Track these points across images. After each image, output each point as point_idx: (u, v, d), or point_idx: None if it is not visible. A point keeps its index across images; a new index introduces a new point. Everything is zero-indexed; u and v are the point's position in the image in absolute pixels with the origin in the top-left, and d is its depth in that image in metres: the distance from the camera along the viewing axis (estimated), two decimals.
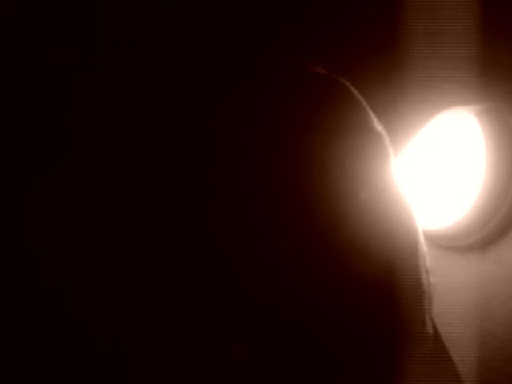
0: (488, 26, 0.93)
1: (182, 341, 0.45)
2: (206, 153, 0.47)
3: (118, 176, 0.46)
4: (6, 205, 0.46)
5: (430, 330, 0.51)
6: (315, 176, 0.48)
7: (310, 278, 0.47)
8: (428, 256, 0.54)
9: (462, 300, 1.00)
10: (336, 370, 0.47)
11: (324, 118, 0.50)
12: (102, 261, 0.45)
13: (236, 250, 0.46)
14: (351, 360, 0.48)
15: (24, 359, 0.45)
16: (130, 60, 0.49)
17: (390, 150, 0.53)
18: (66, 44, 0.48)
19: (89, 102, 0.47)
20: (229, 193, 0.47)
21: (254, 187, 0.47)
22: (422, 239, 0.53)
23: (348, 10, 0.89)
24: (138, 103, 0.47)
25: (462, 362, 1.00)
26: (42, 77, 0.47)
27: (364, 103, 0.54)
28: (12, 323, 0.45)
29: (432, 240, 1.02)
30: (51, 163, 0.46)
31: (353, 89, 0.54)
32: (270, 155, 0.48)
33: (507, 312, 0.93)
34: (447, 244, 1.01)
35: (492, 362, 0.95)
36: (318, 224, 0.48)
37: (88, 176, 0.46)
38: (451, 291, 1.02)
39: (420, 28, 0.94)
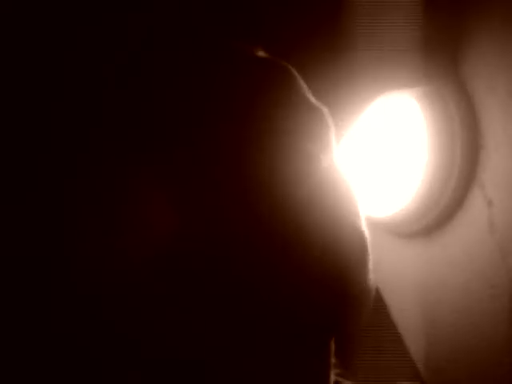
0: (429, 9, 0.93)
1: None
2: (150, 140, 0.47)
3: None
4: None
5: (366, 317, 0.51)
6: (257, 160, 0.48)
7: (248, 263, 0.46)
8: (370, 242, 0.53)
9: (410, 285, 1.00)
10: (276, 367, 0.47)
11: (264, 101, 0.50)
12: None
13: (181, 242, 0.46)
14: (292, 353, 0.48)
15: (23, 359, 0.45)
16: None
17: (332, 129, 0.53)
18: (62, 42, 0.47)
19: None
20: (172, 182, 0.46)
21: (196, 175, 0.46)
22: (364, 223, 0.53)
23: None
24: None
25: (410, 346, 1.00)
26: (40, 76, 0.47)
27: (304, 84, 0.53)
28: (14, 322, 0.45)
29: (379, 226, 1.02)
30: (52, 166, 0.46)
31: (293, 71, 0.53)
32: (209, 140, 0.47)
33: (453, 297, 0.93)
34: (394, 230, 1.01)
35: (439, 347, 0.95)
36: (258, 211, 0.47)
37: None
38: (399, 277, 1.02)
39: (362, 11, 0.94)
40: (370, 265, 0.53)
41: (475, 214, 0.90)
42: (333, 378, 0.53)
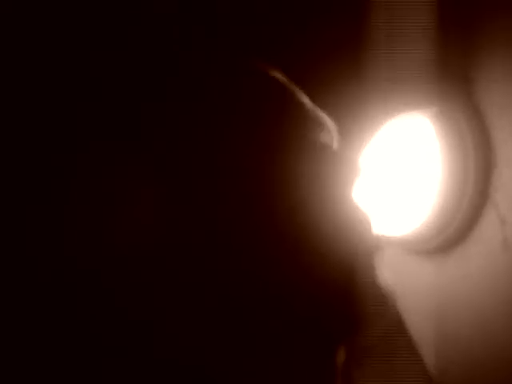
0: (443, 31, 0.94)
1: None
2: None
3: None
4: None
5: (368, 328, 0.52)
6: (257, 157, 0.49)
7: (250, 261, 0.47)
8: (381, 260, 0.54)
9: (426, 302, 1.01)
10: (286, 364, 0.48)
11: (272, 133, 0.50)
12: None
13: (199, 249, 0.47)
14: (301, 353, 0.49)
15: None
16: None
17: (338, 161, 0.53)
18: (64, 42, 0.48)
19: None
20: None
21: (195, 169, 0.47)
22: (374, 245, 0.54)
23: (311, 11, 0.89)
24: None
25: (427, 363, 1.00)
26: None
27: (310, 115, 0.54)
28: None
29: (395, 245, 1.03)
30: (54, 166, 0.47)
31: (301, 97, 0.54)
32: (208, 135, 0.48)
33: (467, 313, 0.94)
34: (410, 248, 1.02)
35: (454, 363, 0.96)
36: (259, 206, 0.48)
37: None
38: (415, 293, 1.02)
39: (378, 33, 0.95)
40: (376, 272, 0.54)
41: (489, 232, 0.90)
42: None
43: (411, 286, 1.02)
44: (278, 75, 0.53)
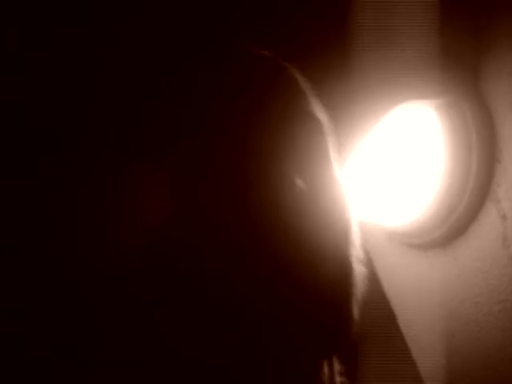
0: (451, 21, 0.93)
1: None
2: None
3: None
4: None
5: (355, 318, 0.51)
6: (252, 161, 0.48)
7: (242, 264, 0.46)
8: (361, 246, 0.54)
9: (423, 297, 1.00)
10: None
11: (264, 102, 0.49)
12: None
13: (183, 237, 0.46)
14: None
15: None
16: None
17: (329, 139, 0.53)
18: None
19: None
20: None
21: (194, 168, 0.46)
22: (354, 229, 0.53)
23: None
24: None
25: (421, 359, 1.00)
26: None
27: (306, 88, 0.53)
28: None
29: (392, 237, 1.02)
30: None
31: (296, 73, 0.53)
32: (209, 137, 0.47)
33: (463, 309, 0.93)
34: (407, 241, 1.00)
35: (448, 359, 0.95)
36: (250, 212, 0.47)
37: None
38: (413, 288, 1.01)
39: (383, 21, 0.94)
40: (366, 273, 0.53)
41: (489, 227, 0.89)
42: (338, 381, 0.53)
43: (406, 280, 1.02)
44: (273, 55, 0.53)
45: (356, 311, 0.51)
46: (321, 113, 0.53)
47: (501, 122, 0.89)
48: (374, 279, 1.00)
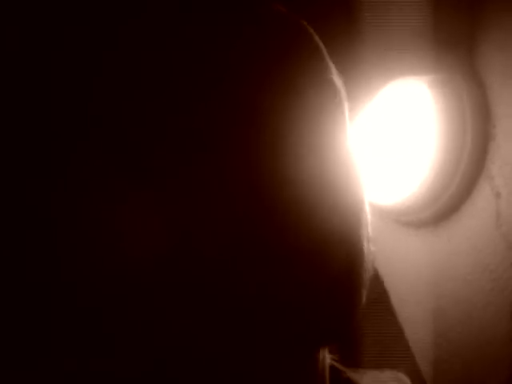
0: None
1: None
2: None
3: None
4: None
5: (363, 299, 0.49)
6: (264, 127, 0.46)
7: (250, 238, 0.45)
8: (371, 226, 0.52)
9: (415, 275, 0.99)
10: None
11: (281, 63, 0.47)
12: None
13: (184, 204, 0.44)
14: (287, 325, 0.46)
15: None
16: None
17: (346, 108, 0.51)
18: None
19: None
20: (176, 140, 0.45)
21: (201, 133, 0.45)
22: (366, 207, 0.51)
23: None
24: None
25: (412, 337, 0.99)
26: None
27: (324, 51, 0.51)
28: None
29: (385, 214, 1.01)
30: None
31: (314, 34, 0.51)
32: (221, 100, 0.45)
33: (456, 288, 0.93)
34: (400, 219, 1.00)
35: (439, 338, 0.95)
36: (261, 182, 0.45)
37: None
38: (404, 266, 1.01)
39: None
40: (369, 252, 0.51)
41: (482, 205, 0.89)
42: (328, 362, 0.52)
43: (399, 258, 1.01)
44: (301, 24, 0.50)
45: (364, 295, 0.50)
46: (338, 79, 0.50)
47: (495, 99, 0.88)
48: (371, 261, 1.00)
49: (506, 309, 0.85)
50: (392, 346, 1.04)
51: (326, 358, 0.51)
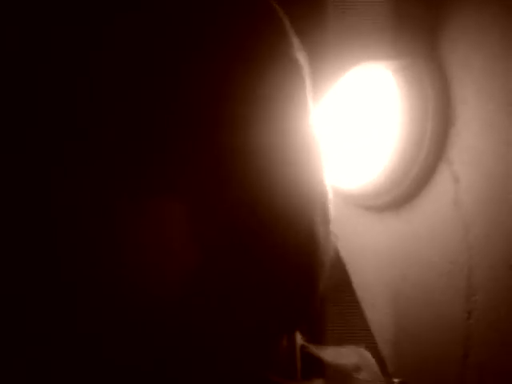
0: None
1: None
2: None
3: None
4: None
5: (323, 281, 0.49)
6: (227, 102, 0.46)
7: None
8: (334, 210, 0.52)
9: (377, 259, 1.00)
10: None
11: (246, 41, 0.47)
12: None
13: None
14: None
15: None
16: None
17: (310, 89, 0.51)
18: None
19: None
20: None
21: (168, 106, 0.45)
22: (327, 190, 0.51)
23: None
24: None
25: (375, 320, 1.00)
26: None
27: (291, 31, 0.50)
28: None
29: (347, 199, 1.02)
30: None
31: (283, 15, 0.50)
32: (182, 77, 0.45)
33: (416, 271, 0.94)
34: (362, 203, 1.01)
35: (399, 320, 0.96)
36: (221, 156, 0.45)
37: None
38: (366, 250, 1.02)
39: None
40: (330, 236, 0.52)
41: (442, 189, 0.90)
42: (299, 342, 0.52)
43: (361, 243, 1.02)
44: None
45: (324, 277, 0.50)
46: (303, 60, 0.50)
47: (456, 84, 0.89)
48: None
49: (462, 292, 0.86)
50: (354, 329, 1.05)
51: (297, 338, 0.52)
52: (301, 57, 0.49)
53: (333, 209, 0.52)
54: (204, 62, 0.46)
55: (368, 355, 0.55)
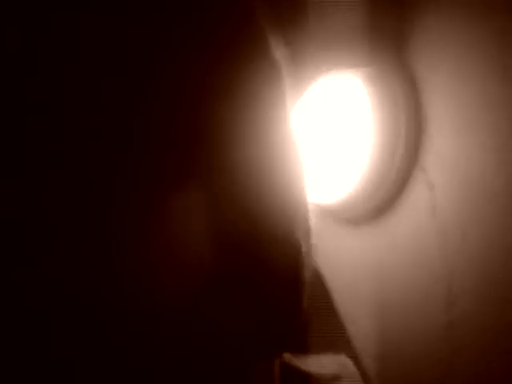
0: None
1: None
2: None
3: None
4: None
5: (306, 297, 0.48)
6: (203, 105, 0.44)
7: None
8: (312, 223, 0.51)
9: (355, 272, 0.99)
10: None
11: (224, 44, 0.45)
12: None
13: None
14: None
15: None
16: None
17: (286, 84, 0.49)
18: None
19: None
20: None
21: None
22: (305, 202, 0.50)
23: None
24: None
25: (356, 334, 0.99)
26: None
27: (269, 34, 0.49)
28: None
29: (325, 213, 1.01)
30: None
31: (261, 17, 0.49)
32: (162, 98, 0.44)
33: (396, 284, 0.92)
34: (339, 216, 0.99)
35: (385, 334, 0.94)
36: (197, 158, 0.44)
37: None
38: (345, 263, 1.01)
39: None
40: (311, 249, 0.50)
41: (417, 197, 0.89)
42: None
43: (339, 257, 1.01)
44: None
45: (306, 292, 0.49)
46: (279, 53, 0.49)
47: (425, 90, 0.88)
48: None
49: (441, 301, 0.84)
50: (334, 342, 1.03)
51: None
52: (281, 59, 0.48)
53: (313, 223, 0.50)
54: (180, 68, 0.44)
55: (349, 364, 0.54)
